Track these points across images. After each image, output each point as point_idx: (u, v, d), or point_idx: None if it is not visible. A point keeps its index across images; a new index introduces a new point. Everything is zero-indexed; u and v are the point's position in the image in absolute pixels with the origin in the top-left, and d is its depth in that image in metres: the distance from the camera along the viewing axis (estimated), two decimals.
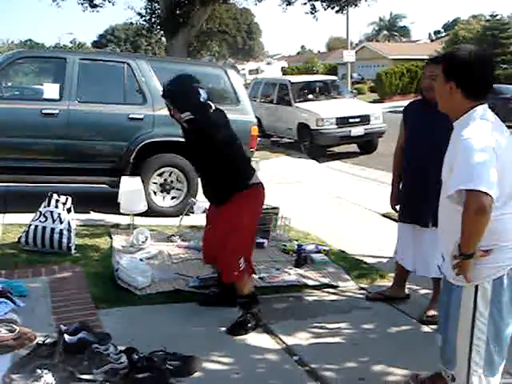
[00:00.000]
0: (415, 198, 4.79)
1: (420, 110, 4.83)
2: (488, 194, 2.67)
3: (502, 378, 3.31)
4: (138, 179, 6.73)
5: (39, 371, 3.31)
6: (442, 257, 3.18)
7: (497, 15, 41.13)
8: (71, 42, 72.11)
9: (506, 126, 3.10)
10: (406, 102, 5.35)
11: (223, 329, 4.44)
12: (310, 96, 17.07)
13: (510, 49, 39.13)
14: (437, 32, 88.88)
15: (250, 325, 4.43)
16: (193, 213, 7.08)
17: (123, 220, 7.12)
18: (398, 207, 5.12)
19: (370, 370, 3.91)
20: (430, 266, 4.71)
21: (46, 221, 5.97)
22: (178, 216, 7.22)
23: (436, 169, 4.52)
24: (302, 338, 4.37)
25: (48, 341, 3.79)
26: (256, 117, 8.91)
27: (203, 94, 4.59)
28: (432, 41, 73.15)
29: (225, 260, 4.47)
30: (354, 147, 16.04)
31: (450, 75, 2.98)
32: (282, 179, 11.33)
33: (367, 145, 15.83)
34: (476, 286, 2.90)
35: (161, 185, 8.07)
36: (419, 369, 3.91)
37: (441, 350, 3.18)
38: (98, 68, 8.16)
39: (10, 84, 8.57)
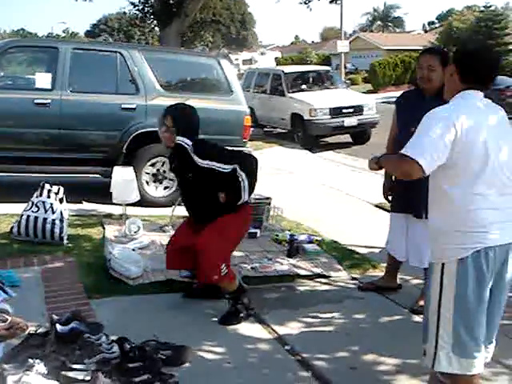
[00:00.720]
0: (408, 189, 4.79)
1: (413, 101, 4.81)
2: (417, 162, 2.83)
3: (490, 367, 3.36)
4: (130, 169, 6.72)
5: (31, 361, 3.31)
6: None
7: (490, 6, 41.05)
8: (64, 32, 71.88)
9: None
10: (399, 93, 5.34)
11: (215, 319, 4.45)
12: (304, 86, 17.06)
13: (503, 40, 39.08)
14: (431, 23, 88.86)
15: (241, 314, 4.44)
16: None
17: (116, 210, 7.11)
18: (390, 198, 5.13)
19: (361, 360, 3.93)
20: (423, 257, 4.72)
21: (38, 211, 5.96)
22: (170, 206, 7.21)
23: None
24: (293, 328, 4.38)
25: (40, 331, 3.80)
26: (249, 107, 8.92)
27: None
28: (426, 31, 73.04)
29: (206, 262, 4.34)
30: (347, 137, 16.06)
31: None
32: (275, 169, 11.34)
33: (360, 135, 15.85)
34: (442, 265, 3.00)
35: (153, 175, 8.06)
36: (410, 358, 3.94)
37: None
38: (90, 58, 8.11)
39: (1, 73, 8.52)
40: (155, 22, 22.98)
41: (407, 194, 4.79)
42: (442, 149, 2.86)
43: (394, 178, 5.04)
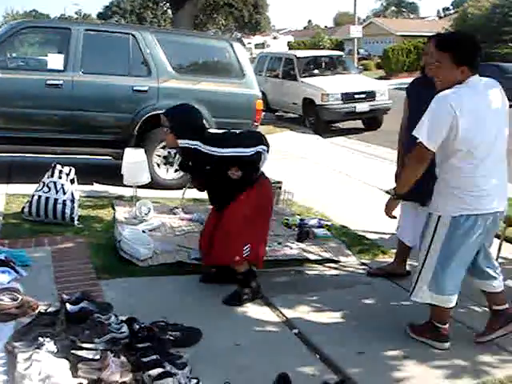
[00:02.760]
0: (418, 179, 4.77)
1: (421, 88, 4.77)
2: (426, 148, 3.55)
3: (496, 354, 3.38)
4: (141, 151, 6.73)
5: (41, 339, 3.33)
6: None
7: None
8: (76, 13, 71.74)
9: None
10: (412, 79, 5.31)
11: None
12: (316, 71, 16.98)
13: None
14: (446, 9, 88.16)
15: (245, 297, 4.47)
16: None
17: (126, 192, 7.14)
18: None
19: (369, 345, 3.93)
20: None
21: (49, 191, 5.99)
22: (180, 189, 7.23)
23: None
24: (302, 312, 4.39)
25: (50, 310, 3.83)
26: (261, 91, 8.89)
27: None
28: (440, 18, 72.49)
29: (225, 243, 4.43)
30: (358, 123, 15.98)
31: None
32: (286, 154, 11.30)
33: (372, 121, 15.77)
34: (439, 217, 3.72)
35: (164, 157, 8.07)
36: (418, 344, 3.95)
37: None
38: (102, 39, 8.09)
39: (14, 54, 8.53)
40: (168, 4, 22.91)
41: (417, 184, 4.76)
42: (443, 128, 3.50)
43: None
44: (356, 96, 15.15)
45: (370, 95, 15.33)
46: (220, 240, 4.49)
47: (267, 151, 4.48)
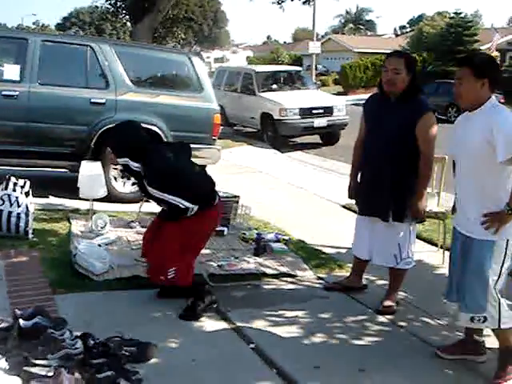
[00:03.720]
0: (372, 193, 4.84)
1: (379, 105, 4.84)
2: None
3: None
4: (98, 164, 6.66)
5: None
6: (466, 219, 3.81)
7: (461, 13, 41.42)
8: (34, 24, 70.97)
9: None
10: (369, 95, 5.39)
11: None
12: (274, 86, 17.10)
13: (472, 46, 39.50)
14: (402, 27, 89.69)
15: (199, 308, 4.45)
16: None
17: (83, 205, 7.05)
18: (355, 199, 5.18)
19: (325, 359, 3.96)
20: (387, 256, 4.80)
21: (3, 204, 5.87)
22: (137, 202, 7.18)
23: (391, 163, 4.64)
24: (259, 326, 4.39)
25: (2, 325, 3.75)
26: (220, 105, 8.91)
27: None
28: (397, 35, 73.67)
29: (156, 261, 4.55)
30: (316, 138, 16.14)
31: (484, 74, 3.66)
32: (244, 168, 11.34)
33: (329, 136, 15.93)
34: (507, 241, 3.68)
35: (121, 170, 7.99)
36: (374, 357, 3.99)
37: (465, 302, 3.78)
38: (60, 50, 8.01)
39: None
40: (127, 16, 22.83)
41: (372, 198, 4.83)
42: None
43: (359, 179, 5.07)
44: (314, 111, 15.30)
45: (328, 111, 15.50)
46: (153, 257, 4.59)
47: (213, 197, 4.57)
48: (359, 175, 5.05)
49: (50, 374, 3.20)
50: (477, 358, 4.02)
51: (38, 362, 3.31)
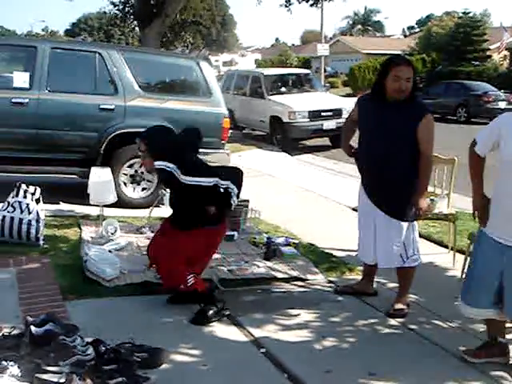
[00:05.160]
0: (374, 193, 4.86)
1: (377, 106, 4.82)
2: None
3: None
4: (107, 170, 6.69)
5: (5, 363, 3.27)
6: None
7: (469, 12, 41.33)
8: (43, 30, 71.30)
9: (477, 122, 3.39)
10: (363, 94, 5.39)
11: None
12: (283, 89, 17.08)
13: (481, 46, 39.46)
14: (410, 27, 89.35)
15: (210, 312, 4.45)
16: (163, 204, 7.06)
17: (93, 211, 7.07)
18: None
19: (336, 363, 3.95)
20: (394, 256, 4.78)
21: (14, 211, 5.90)
22: (147, 207, 7.20)
23: (393, 164, 4.65)
24: (269, 331, 4.39)
25: (14, 332, 3.77)
26: (228, 109, 8.92)
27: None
28: (405, 36, 73.47)
29: (171, 273, 4.58)
30: (325, 141, 16.09)
31: None
32: (253, 172, 11.32)
33: (339, 139, 15.80)
34: None
35: (131, 176, 8.03)
36: (385, 362, 3.97)
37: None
38: (69, 57, 8.06)
39: None
40: (135, 22, 22.91)
41: (373, 198, 4.84)
42: None
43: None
44: (323, 114, 15.28)
45: (337, 113, 15.45)
46: (164, 265, 4.60)
47: (236, 194, 4.58)
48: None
49: (62, 380, 3.21)
50: (503, 359, 4.01)
51: (49, 368, 3.32)
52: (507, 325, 4.12)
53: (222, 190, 4.44)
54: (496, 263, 3.79)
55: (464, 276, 4.60)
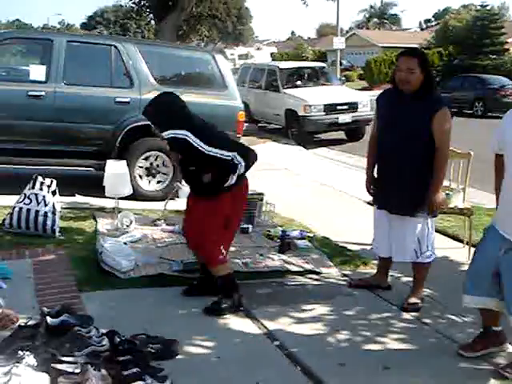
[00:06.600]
0: (388, 188, 4.84)
1: (393, 99, 4.82)
2: None
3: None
4: (123, 163, 6.71)
5: (21, 353, 3.31)
6: None
7: (487, 5, 40.97)
8: (60, 23, 71.64)
9: (494, 116, 3.35)
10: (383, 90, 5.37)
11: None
12: (299, 82, 17.04)
13: (498, 39, 39.12)
14: (427, 21, 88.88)
15: (225, 306, 4.46)
16: (178, 197, 7.10)
17: (108, 203, 7.11)
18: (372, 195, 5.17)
19: (350, 356, 3.95)
20: (407, 251, 4.77)
21: (30, 203, 5.95)
22: (163, 200, 7.22)
23: (407, 158, 4.63)
24: (283, 324, 4.40)
25: (30, 323, 3.81)
26: (244, 102, 8.93)
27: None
28: (422, 29, 73.07)
29: (207, 248, 4.52)
30: (341, 134, 16.06)
31: None
32: (268, 165, 11.31)
33: (354, 132, 15.86)
34: None
35: (146, 169, 8.06)
36: (399, 356, 3.97)
37: None
38: (85, 50, 8.12)
39: None
40: (151, 15, 22.95)
41: (389, 193, 4.83)
42: None
43: (375, 174, 5.06)
44: (338, 107, 15.25)
45: (353, 106, 15.43)
46: (204, 245, 4.54)
47: (244, 168, 4.44)
48: (375, 171, 5.05)
49: (77, 370, 3.24)
50: (501, 347, 4.01)
51: (65, 358, 3.35)
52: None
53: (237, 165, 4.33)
54: (494, 253, 3.80)
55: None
